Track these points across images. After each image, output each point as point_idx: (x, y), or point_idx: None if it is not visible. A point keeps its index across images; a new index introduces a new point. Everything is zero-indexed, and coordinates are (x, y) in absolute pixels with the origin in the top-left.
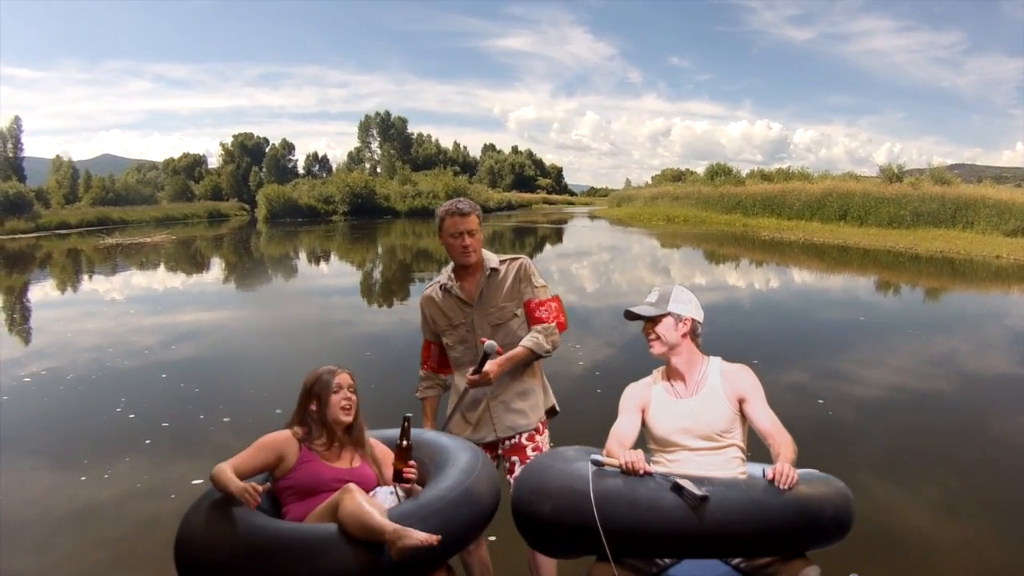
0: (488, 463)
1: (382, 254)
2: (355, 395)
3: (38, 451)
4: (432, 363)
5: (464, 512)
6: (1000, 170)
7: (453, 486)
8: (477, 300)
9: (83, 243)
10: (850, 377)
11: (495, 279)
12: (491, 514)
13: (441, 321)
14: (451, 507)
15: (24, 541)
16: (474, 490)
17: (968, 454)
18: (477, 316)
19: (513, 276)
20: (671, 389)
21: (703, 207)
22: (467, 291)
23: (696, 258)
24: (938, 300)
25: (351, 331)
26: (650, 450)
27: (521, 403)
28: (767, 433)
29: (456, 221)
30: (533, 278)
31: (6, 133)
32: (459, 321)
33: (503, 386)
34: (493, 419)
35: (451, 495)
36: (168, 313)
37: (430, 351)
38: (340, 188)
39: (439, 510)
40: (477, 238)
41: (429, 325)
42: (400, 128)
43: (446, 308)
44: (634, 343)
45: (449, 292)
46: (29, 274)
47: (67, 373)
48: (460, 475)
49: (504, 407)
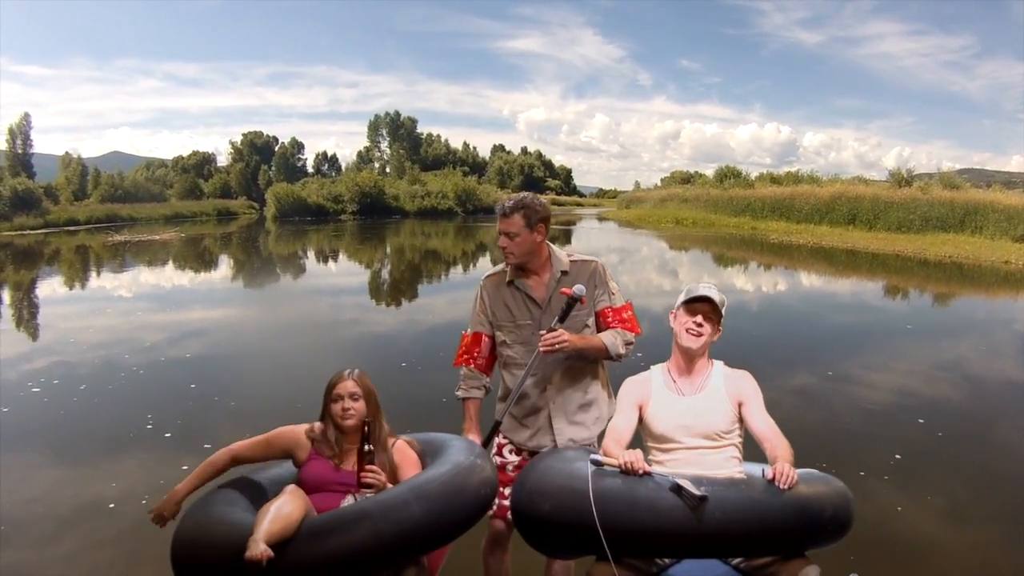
0: (475, 468)
1: (390, 254)
2: (359, 402)
3: (40, 448)
4: (480, 360)
5: (415, 513)
6: (1009, 175)
7: (413, 486)
8: (547, 304)
9: (92, 240)
10: (858, 381)
11: (566, 282)
12: (458, 520)
13: (503, 314)
14: (402, 506)
15: (26, 538)
16: (435, 492)
17: (975, 459)
18: (545, 321)
19: (587, 280)
20: (673, 386)
21: (712, 210)
22: (536, 291)
23: (705, 261)
24: (946, 305)
25: (359, 330)
26: (647, 448)
27: (583, 415)
28: (763, 436)
29: (499, 221)
30: (609, 283)
31: (16, 130)
32: (524, 321)
33: (565, 394)
34: (554, 429)
35: (406, 495)
36: (175, 310)
37: (480, 345)
38: (349, 187)
39: (390, 509)
40: (517, 241)
41: (487, 315)
42: (410, 128)
43: (510, 303)
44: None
45: (518, 288)
46: (38, 270)
47: (73, 369)
48: (427, 476)
49: (565, 418)
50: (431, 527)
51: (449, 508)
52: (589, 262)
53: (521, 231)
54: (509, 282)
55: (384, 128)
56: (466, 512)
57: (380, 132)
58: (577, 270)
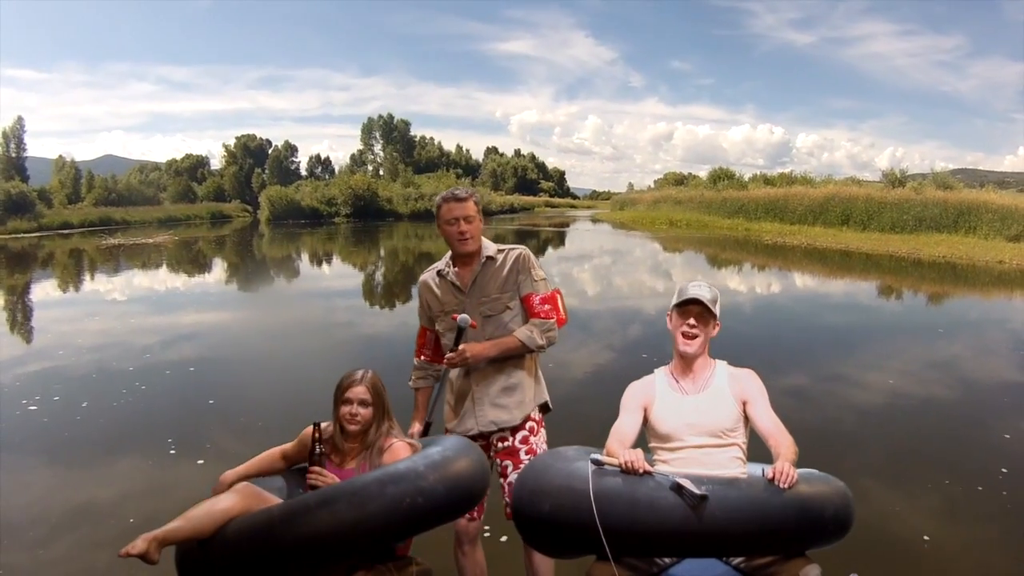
0: (477, 454)
1: (384, 256)
2: (368, 409)
3: (37, 451)
4: (427, 352)
5: (336, 511)
6: (1002, 175)
7: (353, 481)
8: (470, 288)
9: (85, 243)
10: (852, 382)
11: (491, 267)
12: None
13: (435, 306)
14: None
15: (22, 540)
16: (369, 491)
17: (970, 459)
18: (469, 305)
19: (511, 266)
20: (677, 386)
21: (705, 211)
22: (462, 278)
23: (698, 262)
24: (940, 305)
25: (354, 332)
26: (651, 448)
27: (506, 398)
28: (768, 434)
29: (452, 207)
30: (533, 270)
31: (9, 133)
32: (451, 308)
33: (488, 379)
34: (476, 412)
35: (330, 493)
36: (169, 314)
37: (426, 338)
38: (343, 190)
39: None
40: (475, 225)
41: (425, 310)
42: (403, 131)
43: (441, 294)
44: (634, 346)
45: (444, 278)
46: (31, 274)
47: (67, 373)
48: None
49: (488, 401)
50: (333, 534)
51: (353, 517)
52: (515, 249)
53: (476, 215)
54: (439, 273)
55: (377, 131)
56: (377, 521)
57: (373, 135)
58: (504, 257)
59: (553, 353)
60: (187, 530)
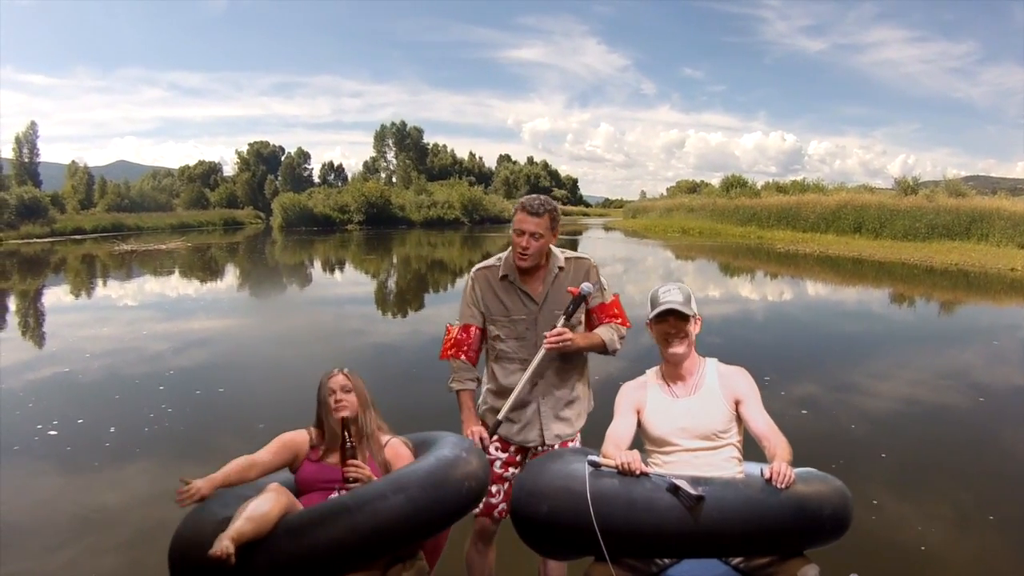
0: (459, 462)
1: (397, 264)
2: (350, 394)
3: (43, 454)
4: (471, 351)
5: (394, 505)
6: (1015, 181)
7: (391, 479)
8: (543, 300)
9: (98, 249)
10: (864, 390)
11: (562, 279)
12: (442, 512)
13: (496, 308)
14: (378, 499)
15: (29, 546)
16: (415, 484)
17: (981, 467)
18: (542, 316)
19: (582, 280)
20: (668, 389)
21: (718, 219)
22: (532, 287)
23: (711, 270)
24: (953, 313)
25: (366, 340)
26: (646, 451)
27: (569, 411)
28: (762, 435)
29: (524, 218)
30: (602, 280)
31: (22, 139)
32: (519, 316)
33: (554, 391)
34: (542, 424)
35: (383, 488)
36: (180, 320)
37: (470, 336)
38: (355, 197)
39: (367, 502)
40: (542, 243)
41: (478, 306)
42: (416, 138)
43: (505, 297)
44: (646, 355)
45: (512, 283)
46: (43, 279)
47: (78, 376)
48: (408, 469)
49: (553, 413)
50: (409, 519)
51: (429, 500)
52: (584, 259)
53: (547, 233)
54: (503, 276)
55: (390, 138)
56: (448, 505)
57: (386, 142)
58: (572, 267)
59: None
60: (252, 532)
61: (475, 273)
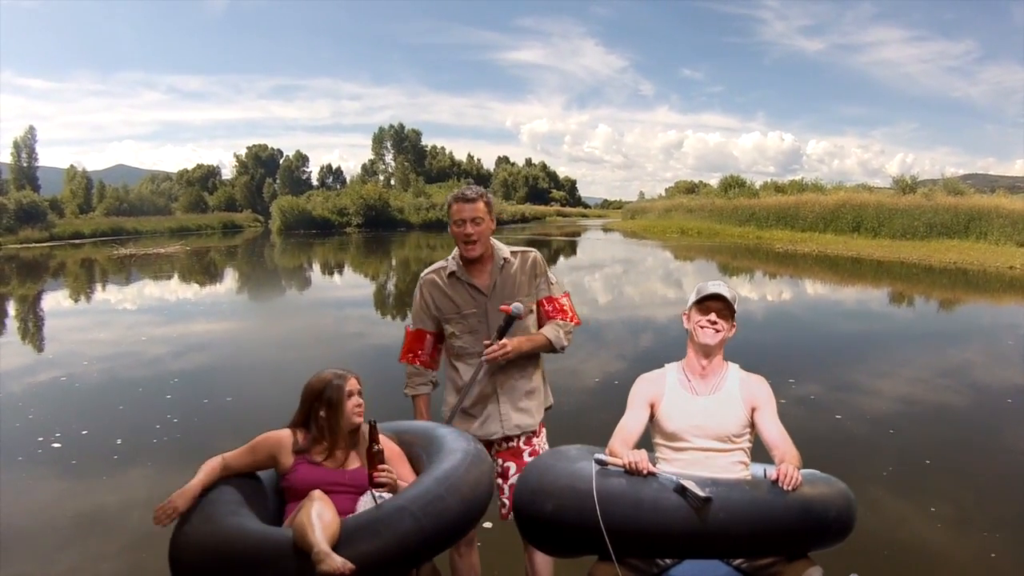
0: (483, 456)
1: (396, 266)
2: (361, 397)
3: (42, 459)
4: (425, 356)
5: (451, 505)
6: (1013, 180)
7: (440, 479)
8: (492, 290)
9: (97, 253)
10: (863, 389)
11: (508, 270)
12: (480, 510)
13: (447, 308)
14: (437, 500)
15: (27, 550)
16: (464, 483)
17: (982, 467)
18: (492, 307)
19: (528, 270)
20: (688, 384)
21: (717, 219)
22: (480, 279)
23: (710, 270)
24: (952, 312)
25: (365, 343)
26: (655, 445)
27: (528, 402)
28: (774, 444)
29: (460, 207)
30: (547, 273)
31: (21, 143)
32: (469, 310)
33: (512, 383)
34: (502, 416)
35: (437, 488)
36: (180, 323)
37: (424, 342)
38: (354, 200)
39: (427, 503)
40: (483, 227)
41: (430, 311)
42: (414, 140)
43: (454, 295)
44: (645, 355)
45: (459, 279)
46: (42, 283)
47: (76, 380)
48: (450, 468)
49: (512, 405)
50: (464, 519)
51: (475, 498)
52: (528, 252)
53: (486, 217)
54: (450, 274)
55: (388, 140)
56: (484, 502)
57: (385, 145)
58: (519, 260)
59: (564, 362)
60: (332, 540)
61: (423, 279)
